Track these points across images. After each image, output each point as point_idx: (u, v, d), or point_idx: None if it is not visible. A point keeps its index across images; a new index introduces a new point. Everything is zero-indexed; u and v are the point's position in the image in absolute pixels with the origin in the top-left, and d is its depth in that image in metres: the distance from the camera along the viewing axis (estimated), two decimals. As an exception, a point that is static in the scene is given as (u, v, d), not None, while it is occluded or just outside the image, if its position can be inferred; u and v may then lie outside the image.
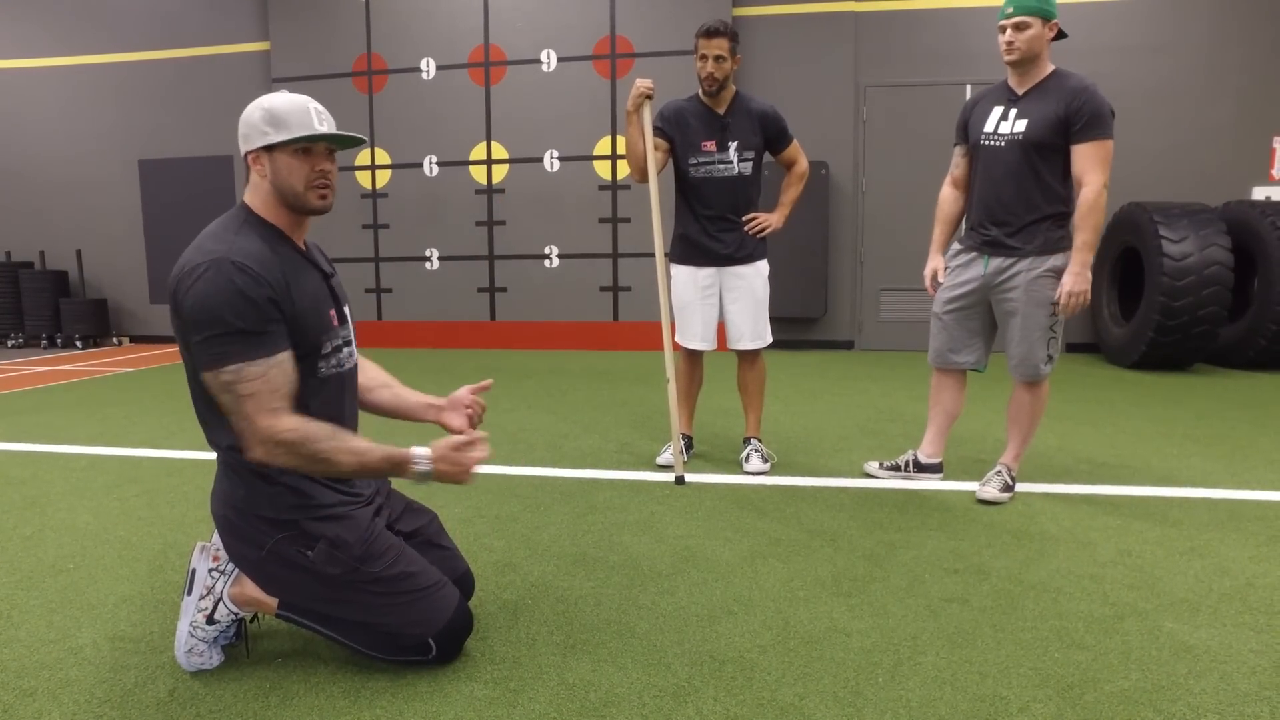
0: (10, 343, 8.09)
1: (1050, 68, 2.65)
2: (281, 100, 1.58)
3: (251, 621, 1.80)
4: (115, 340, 8.27)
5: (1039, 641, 1.80)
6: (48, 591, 2.12)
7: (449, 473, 1.59)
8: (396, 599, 1.64)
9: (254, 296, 1.48)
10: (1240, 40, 6.29)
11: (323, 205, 1.63)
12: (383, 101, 7.30)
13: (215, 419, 1.61)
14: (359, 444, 1.56)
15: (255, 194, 1.63)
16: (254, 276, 1.50)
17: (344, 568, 1.61)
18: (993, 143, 2.70)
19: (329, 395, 1.67)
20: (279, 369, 1.52)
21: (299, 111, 1.57)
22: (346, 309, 1.76)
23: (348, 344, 1.73)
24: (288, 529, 1.60)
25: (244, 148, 1.60)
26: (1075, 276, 2.55)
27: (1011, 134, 2.65)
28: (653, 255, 6.34)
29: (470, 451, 1.59)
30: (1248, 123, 6.36)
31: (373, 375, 1.90)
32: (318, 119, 1.59)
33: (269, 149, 1.58)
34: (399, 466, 1.57)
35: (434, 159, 7.28)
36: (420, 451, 1.57)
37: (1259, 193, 6.39)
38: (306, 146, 1.59)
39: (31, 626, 1.92)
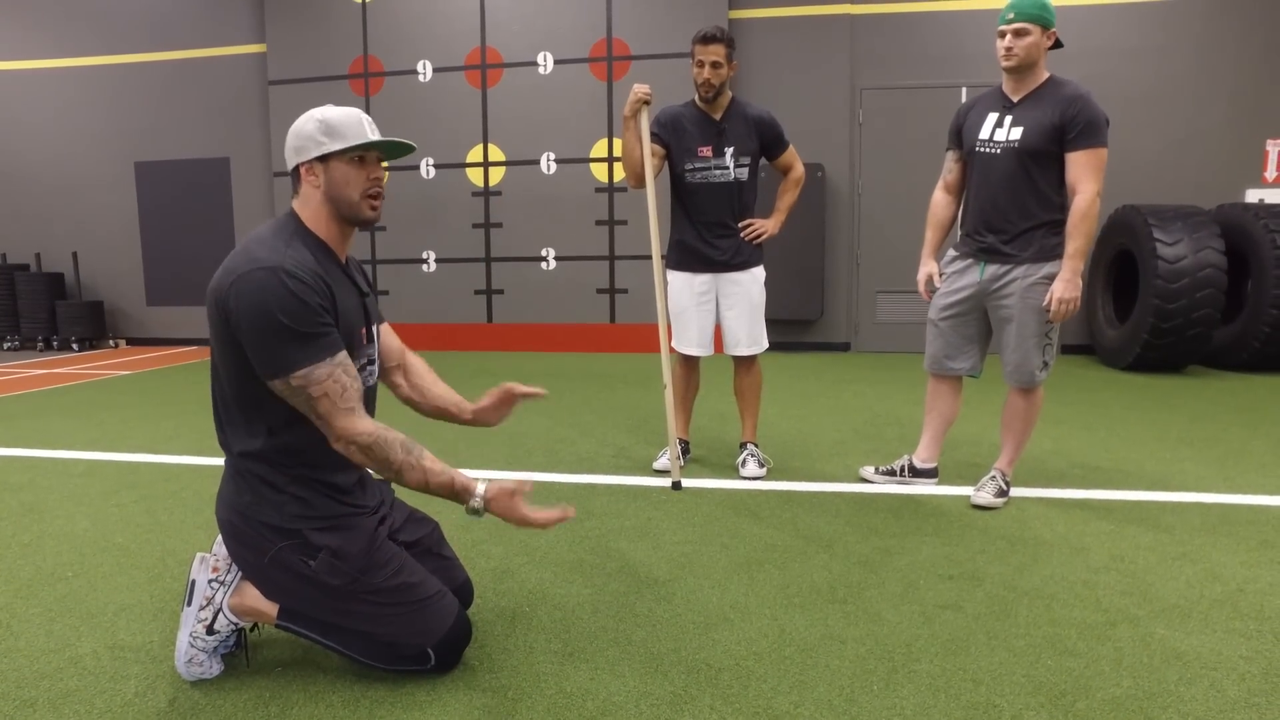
0: (6, 345, 8.08)
1: (1045, 75, 2.67)
2: (335, 112, 1.61)
3: (251, 630, 1.81)
4: (112, 343, 8.27)
5: (1032, 649, 1.82)
6: (47, 600, 2.12)
7: (502, 513, 1.64)
8: (397, 609, 1.65)
9: (310, 302, 1.51)
10: (1232, 43, 6.33)
11: (374, 216, 1.66)
12: (379, 104, 7.30)
13: (235, 422, 1.63)
14: (429, 463, 1.60)
15: (305, 206, 1.65)
16: (307, 283, 1.52)
17: (345, 578, 1.62)
18: (988, 150, 2.71)
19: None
20: (344, 369, 1.55)
21: (354, 122, 1.61)
22: (375, 328, 1.79)
23: (372, 362, 1.76)
24: (291, 537, 1.62)
25: (296, 160, 1.62)
26: (1065, 283, 2.57)
27: (1007, 141, 2.66)
28: (649, 257, 6.36)
29: (525, 505, 1.64)
30: (1240, 125, 6.39)
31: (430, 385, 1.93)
32: (370, 129, 1.63)
33: (324, 159, 1.60)
34: (458, 495, 1.62)
35: (431, 161, 7.29)
36: (480, 488, 1.61)
37: (1252, 195, 6.42)
38: (361, 155, 1.62)
39: (31, 636, 1.92)
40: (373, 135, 1.62)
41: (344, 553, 1.63)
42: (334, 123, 1.60)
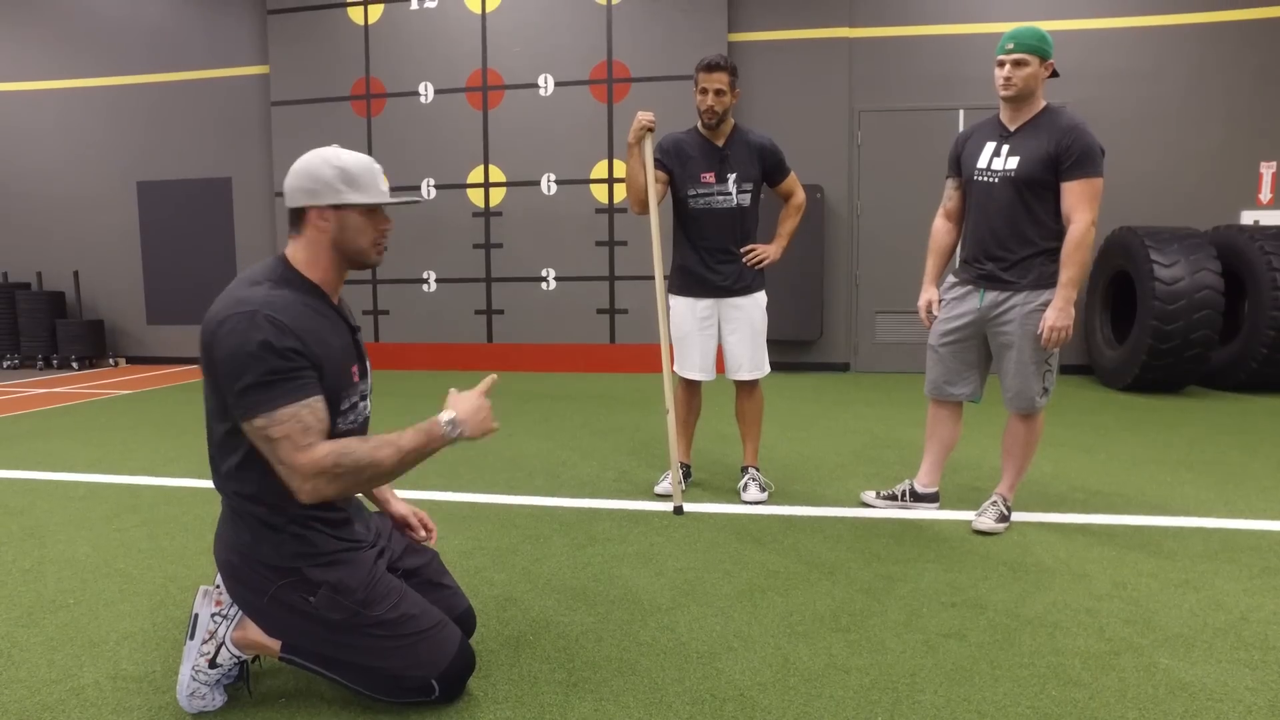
0: (6, 364, 8.08)
1: (1042, 104, 2.70)
2: (350, 159, 1.63)
3: (254, 662, 1.81)
4: (112, 361, 8.27)
5: (1036, 679, 1.81)
6: (48, 628, 2.12)
7: (474, 427, 1.66)
8: (399, 642, 1.65)
9: (281, 347, 1.51)
10: (1225, 66, 6.40)
11: (379, 260, 1.71)
12: (381, 125, 7.35)
13: (230, 464, 1.63)
14: (389, 437, 1.58)
15: (304, 248, 1.65)
16: (281, 328, 1.52)
17: (346, 613, 1.63)
18: (986, 179, 2.74)
19: None
20: (309, 409, 1.53)
21: (371, 173, 1.64)
22: (367, 364, 1.80)
23: (364, 397, 1.77)
24: (290, 575, 1.62)
25: (308, 202, 1.62)
26: (1058, 311, 2.59)
27: (1004, 170, 2.69)
28: (650, 278, 6.38)
29: (483, 405, 1.69)
30: (1235, 147, 6.45)
31: None
32: (383, 181, 1.67)
33: (338, 207, 1.62)
34: (433, 438, 1.60)
35: (432, 182, 7.32)
36: (446, 416, 1.62)
37: (1247, 216, 6.47)
38: (374, 208, 1.65)
39: (32, 666, 1.92)
40: (386, 190, 1.67)
41: (344, 587, 1.63)
42: (353, 172, 1.61)
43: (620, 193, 6.97)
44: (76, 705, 1.74)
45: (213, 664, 1.69)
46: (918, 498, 3.05)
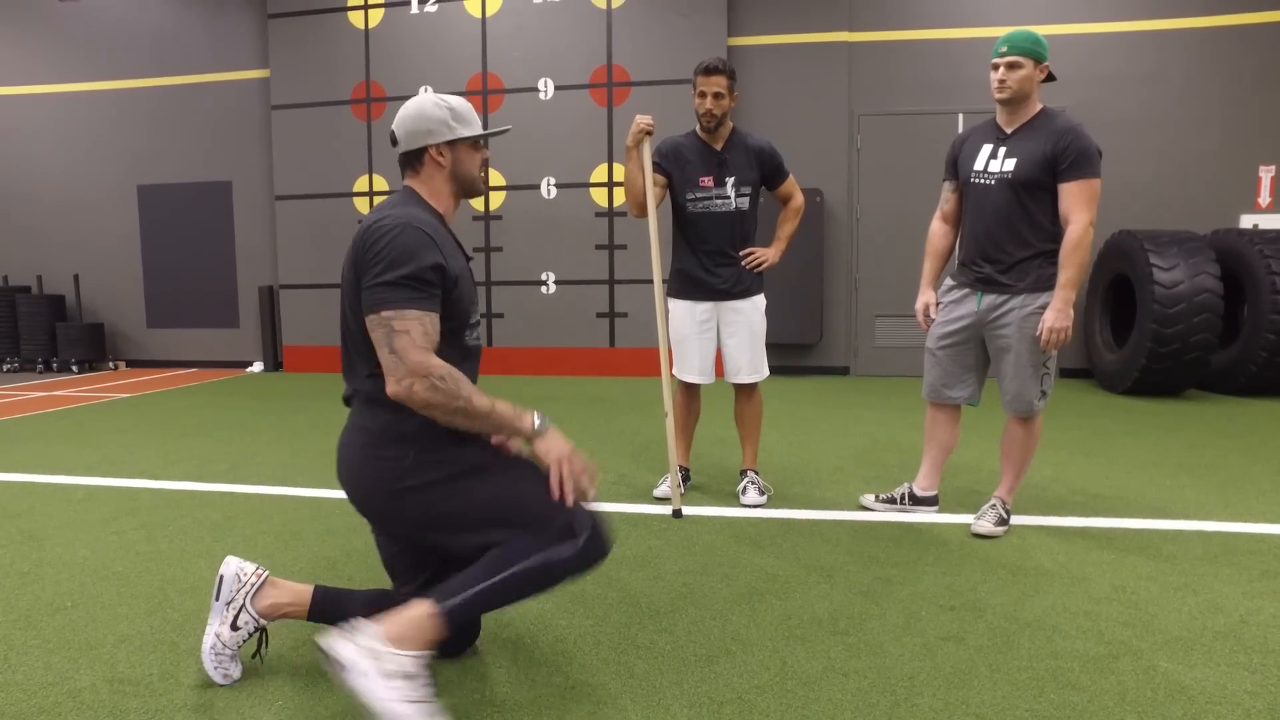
0: (6, 367, 8.08)
1: (1039, 106, 2.70)
2: (455, 100, 1.83)
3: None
4: (111, 364, 8.27)
5: (1035, 682, 1.81)
6: (45, 631, 2.11)
7: (560, 451, 1.72)
8: (538, 473, 1.71)
9: (427, 260, 1.66)
10: (1223, 70, 6.40)
11: (486, 189, 1.87)
12: (382, 128, 7.36)
13: (369, 366, 1.72)
14: (488, 396, 1.70)
15: (426, 184, 1.84)
16: (432, 241, 1.69)
17: (485, 454, 1.73)
18: (983, 181, 2.74)
19: (471, 367, 1.80)
20: (430, 323, 1.66)
21: (470, 111, 1.85)
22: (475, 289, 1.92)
23: (480, 322, 1.88)
24: (426, 445, 1.70)
25: (426, 141, 1.80)
26: (1057, 313, 2.59)
27: (1001, 172, 2.69)
28: (649, 281, 6.37)
29: (578, 456, 1.74)
30: (1233, 151, 6.45)
31: None
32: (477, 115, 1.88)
33: (452, 143, 1.80)
34: (521, 420, 1.71)
35: (432, 185, 7.31)
36: (539, 418, 1.73)
37: (1246, 220, 6.47)
38: (478, 139, 1.86)
39: (29, 668, 1.91)
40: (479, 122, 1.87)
41: (476, 439, 1.73)
42: (460, 111, 1.81)
43: (620, 196, 6.97)
44: (73, 708, 1.74)
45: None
46: (917, 501, 3.04)
